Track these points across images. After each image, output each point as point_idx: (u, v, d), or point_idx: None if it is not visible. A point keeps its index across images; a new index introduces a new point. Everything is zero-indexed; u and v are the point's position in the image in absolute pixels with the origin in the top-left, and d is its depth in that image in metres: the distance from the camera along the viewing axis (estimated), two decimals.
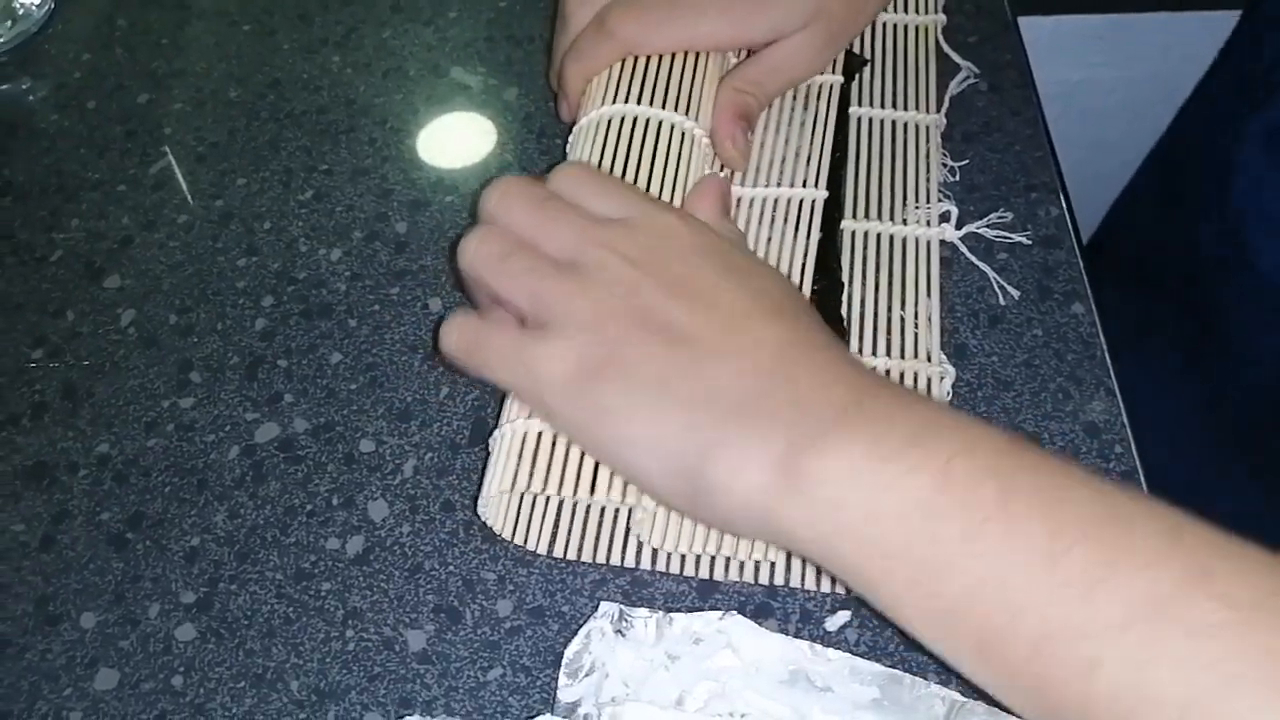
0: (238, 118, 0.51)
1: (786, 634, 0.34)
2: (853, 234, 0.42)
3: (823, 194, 0.43)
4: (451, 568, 0.37)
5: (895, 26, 0.49)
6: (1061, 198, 0.44)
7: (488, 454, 0.35)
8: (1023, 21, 0.52)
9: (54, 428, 0.42)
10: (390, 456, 0.40)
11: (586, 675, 0.33)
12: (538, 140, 0.49)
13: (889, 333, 0.39)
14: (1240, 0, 0.55)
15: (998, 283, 0.42)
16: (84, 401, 0.43)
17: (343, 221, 0.47)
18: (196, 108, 0.52)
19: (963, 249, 0.42)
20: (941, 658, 0.29)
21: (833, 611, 0.35)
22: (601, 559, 0.37)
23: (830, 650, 0.33)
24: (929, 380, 0.38)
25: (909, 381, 0.38)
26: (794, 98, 0.46)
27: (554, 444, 0.34)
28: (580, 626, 0.34)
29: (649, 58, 0.42)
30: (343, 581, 0.37)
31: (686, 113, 0.41)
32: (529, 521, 0.38)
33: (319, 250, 0.46)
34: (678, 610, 0.35)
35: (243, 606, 0.37)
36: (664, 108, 0.41)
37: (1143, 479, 0.37)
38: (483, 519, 0.36)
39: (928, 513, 0.28)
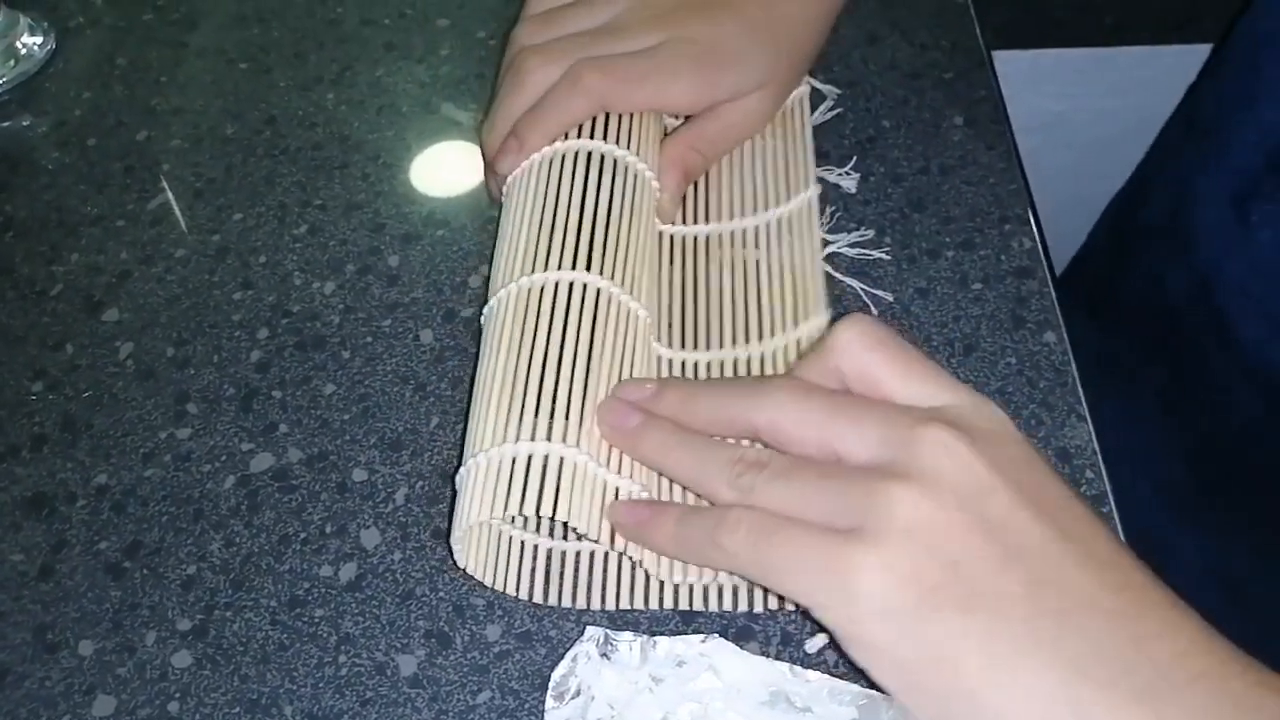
0: (234, 154, 0.53)
1: (767, 656, 0.35)
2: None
3: (815, 190, 0.44)
4: (442, 594, 0.38)
5: None
6: (1035, 229, 0.46)
7: (454, 493, 0.36)
8: (1002, 55, 0.53)
9: (53, 459, 0.43)
10: (382, 485, 0.41)
11: (573, 698, 0.34)
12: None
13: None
14: (1215, 35, 0.57)
15: (867, 293, 0.43)
16: (83, 433, 0.44)
17: (336, 255, 0.48)
18: (194, 144, 0.53)
19: (838, 275, 0.43)
20: None
21: (812, 634, 0.36)
22: (570, 603, 0.37)
23: (810, 672, 0.34)
24: None
25: None
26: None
27: (528, 467, 0.34)
28: (567, 650, 0.35)
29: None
30: (336, 608, 0.38)
31: (632, 149, 0.42)
32: (502, 563, 0.38)
33: (313, 284, 0.47)
34: (661, 634, 0.36)
35: (238, 633, 0.38)
36: (605, 140, 0.41)
37: (1113, 504, 0.38)
38: (456, 561, 0.36)
39: None
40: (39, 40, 0.58)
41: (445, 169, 0.51)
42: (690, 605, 0.37)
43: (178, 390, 0.45)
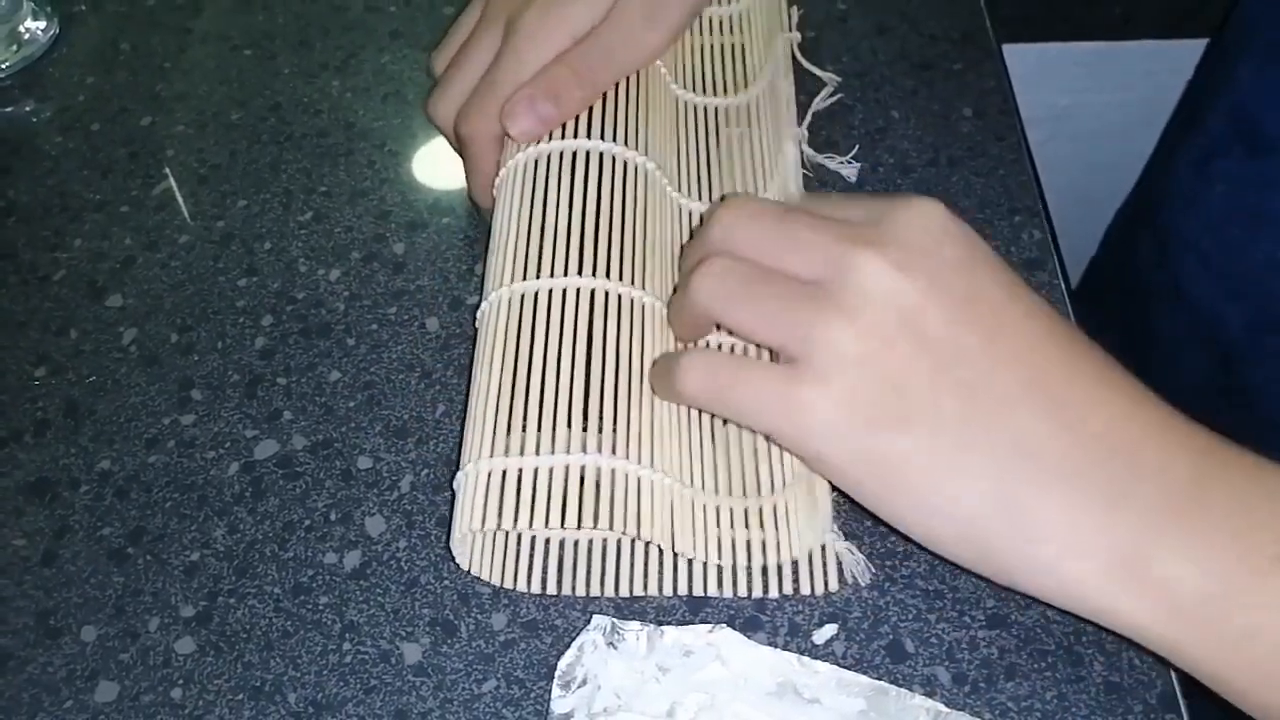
0: (239, 140, 0.52)
1: (775, 646, 0.35)
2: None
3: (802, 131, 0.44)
4: (447, 582, 0.38)
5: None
6: (1045, 221, 0.45)
7: (453, 496, 0.35)
8: (1011, 49, 0.53)
9: (56, 444, 0.43)
10: (387, 473, 0.41)
11: (579, 687, 0.34)
12: None
13: None
14: (1221, 27, 0.56)
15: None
16: (86, 419, 0.44)
17: (341, 242, 0.48)
18: (198, 130, 0.53)
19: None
20: None
21: (820, 624, 0.36)
22: (581, 591, 0.37)
23: (818, 662, 0.34)
24: None
25: None
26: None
27: (519, 480, 0.34)
28: (573, 639, 0.35)
29: None
30: (340, 595, 0.38)
31: (632, 145, 0.41)
32: (504, 559, 0.38)
33: (318, 270, 0.47)
34: (668, 623, 0.35)
35: (241, 620, 0.38)
36: (604, 139, 0.40)
37: None
38: (456, 560, 0.36)
39: None
40: (42, 25, 0.58)
41: (451, 156, 0.51)
42: (697, 590, 0.37)
43: (181, 376, 0.44)
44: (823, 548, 0.36)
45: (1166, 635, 0.27)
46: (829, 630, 0.36)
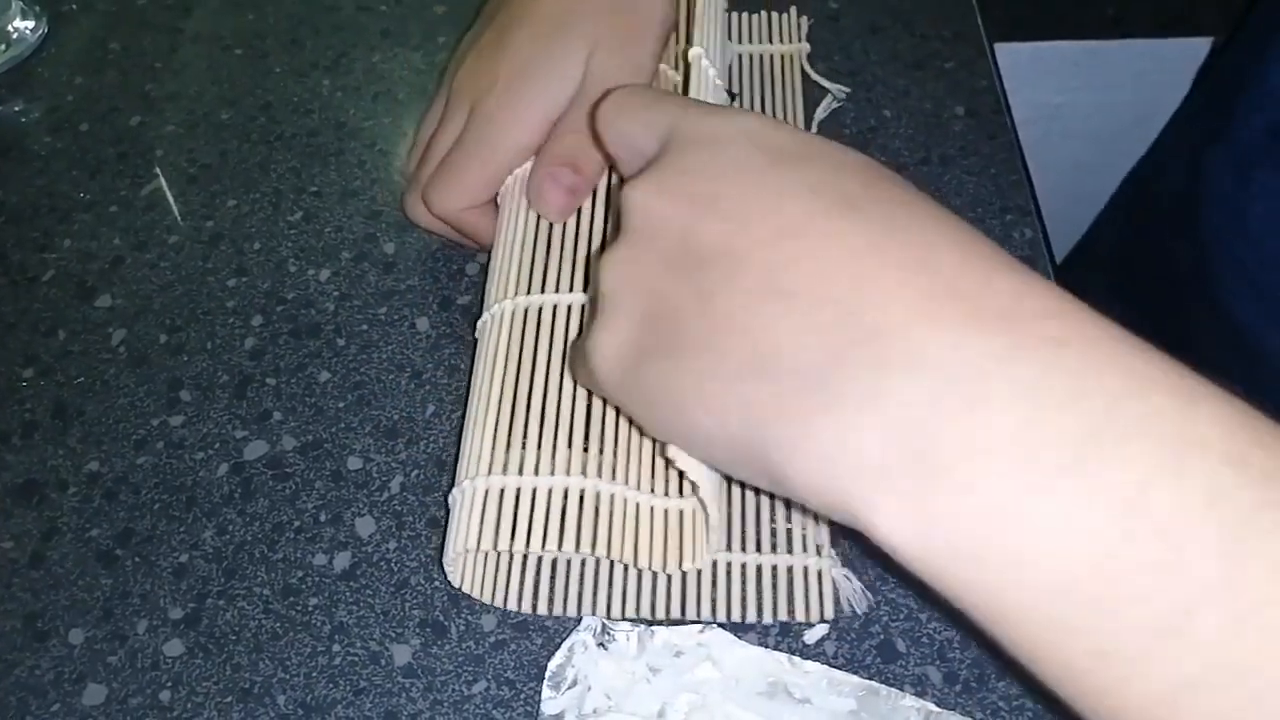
0: (229, 140, 0.52)
1: (766, 646, 0.35)
2: None
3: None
4: (437, 583, 0.38)
5: (760, 57, 0.50)
6: (1036, 220, 0.45)
7: (447, 513, 0.35)
8: (1002, 48, 0.53)
9: (44, 445, 0.43)
10: (377, 474, 0.41)
11: (569, 688, 0.34)
12: None
13: None
14: (1213, 27, 0.57)
15: None
16: (74, 420, 0.43)
17: (331, 242, 0.48)
18: (188, 130, 0.53)
19: None
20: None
21: (810, 625, 0.36)
22: (572, 612, 0.37)
23: (809, 662, 0.34)
24: None
25: None
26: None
27: (517, 499, 0.34)
28: (563, 640, 0.35)
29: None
30: (330, 597, 0.38)
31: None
32: (494, 577, 0.37)
33: (308, 271, 0.47)
34: (659, 624, 0.35)
35: (230, 622, 0.38)
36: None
37: None
38: (449, 579, 0.35)
39: (1107, 554, 0.20)
40: (31, 24, 0.58)
41: None
42: (690, 613, 0.37)
43: (171, 377, 0.44)
44: (819, 574, 0.36)
45: (950, 571, 0.22)
46: (820, 630, 0.35)
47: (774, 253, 0.24)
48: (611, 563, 0.37)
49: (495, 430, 0.35)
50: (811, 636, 0.35)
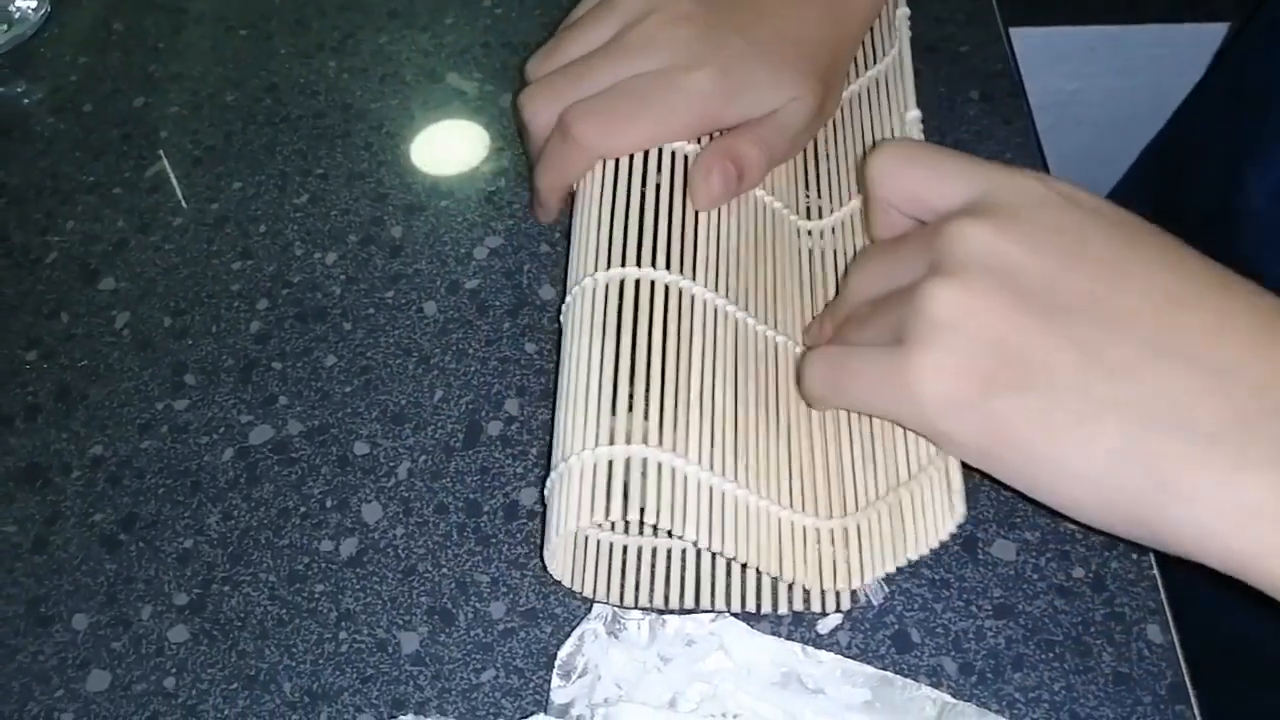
0: (234, 121, 0.52)
1: (779, 636, 0.34)
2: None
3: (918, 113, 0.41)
4: (445, 570, 0.37)
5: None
6: None
7: (544, 505, 0.34)
8: (1016, 33, 0.52)
9: (48, 429, 0.42)
10: (384, 459, 0.40)
11: (579, 677, 0.34)
12: None
13: None
14: (1228, 12, 0.56)
15: None
16: (78, 403, 0.43)
17: (338, 225, 0.47)
18: (192, 111, 0.52)
19: None
20: None
21: (824, 614, 0.35)
22: (690, 604, 0.35)
23: (822, 652, 0.34)
24: None
25: None
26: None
27: (610, 475, 0.32)
28: (573, 628, 0.35)
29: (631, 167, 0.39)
30: (336, 583, 0.37)
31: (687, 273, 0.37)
32: (594, 571, 0.36)
33: (314, 254, 0.46)
34: (671, 612, 0.35)
35: (236, 608, 0.37)
36: (667, 268, 0.37)
37: None
38: (550, 572, 0.34)
39: None
40: (33, 4, 0.57)
41: (450, 139, 0.50)
42: (703, 602, 0.36)
43: (175, 361, 0.44)
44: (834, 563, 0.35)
45: None
46: (834, 620, 0.35)
47: (1164, 317, 0.26)
48: (625, 548, 0.37)
49: (600, 398, 0.33)
50: (825, 626, 0.35)
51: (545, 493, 0.34)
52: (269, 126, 0.51)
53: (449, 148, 0.50)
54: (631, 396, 0.34)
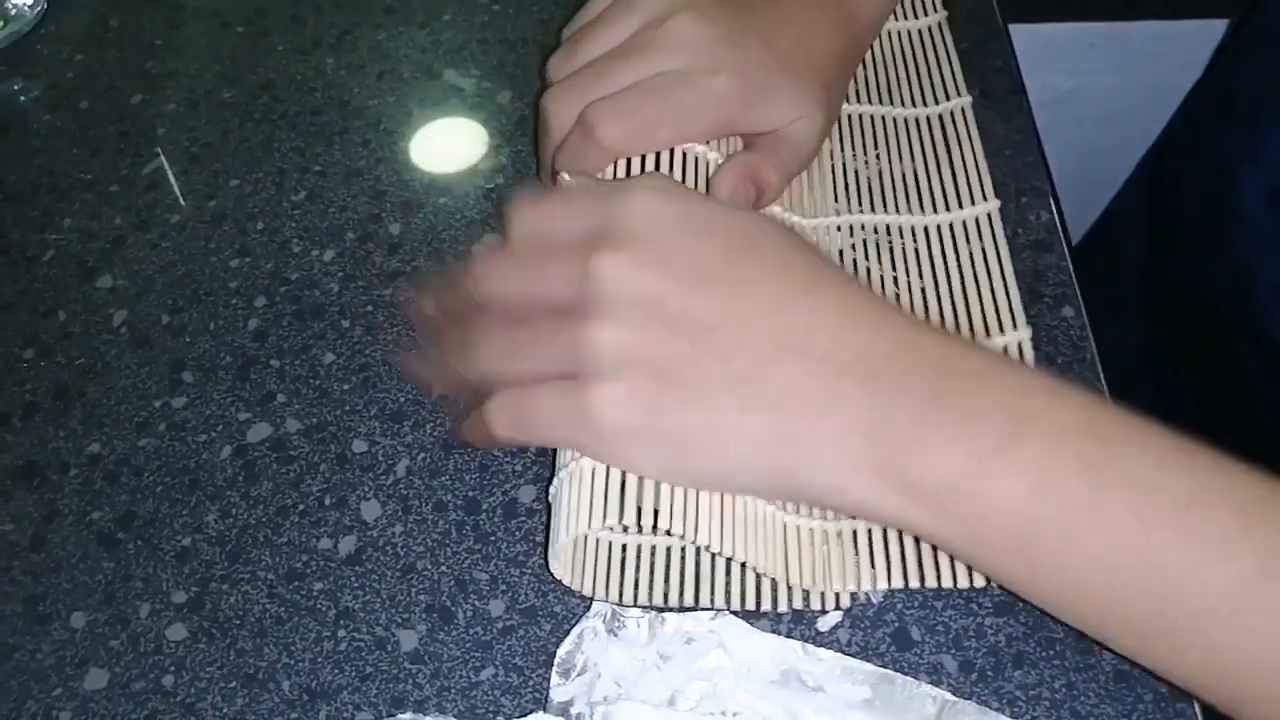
0: (231, 119, 0.51)
1: (778, 634, 0.34)
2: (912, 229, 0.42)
3: (995, 204, 0.42)
4: (444, 568, 0.37)
5: (903, 34, 0.49)
6: (1052, 202, 0.45)
7: (549, 509, 0.34)
8: (1016, 29, 0.52)
9: (45, 427, 0.42)
10: (383, 457, 0.40)
11: (579, 675, 0.33)
12: (531, 142, 0.49)
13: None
14: (1227, 8, 0.56)
15: None
16: (75, 401, 0.43)
17: (336, 223, 0.47)
18: (190, 108, 0.52)
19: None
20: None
21: (824, 612, 0.35)
22: (690, 602, 0.35)
23: (822, 650, 0.33)
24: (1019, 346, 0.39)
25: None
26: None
27: (607, 480, 0.32)
28: (573, 626, 0.34)
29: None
30: (335, 581, 0.37)
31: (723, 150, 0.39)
32: (594, 570, 0.36)
33: (312, 251, 0.46)
34: (670, 610, 0.35)
35: (234, 606, 0.37)
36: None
37: None
38: (555, 576, 0.34)
39: (1027, 518, 0.29)
40: (29, 1, 0.57)
41: (448, 136, 0.50)
42: (702, 600, 0.36)
43: (173, 358, 0.44)
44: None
45: (928, 528, 0.31)
46: (834, 618, 0.35)
47: (772, 320, 0.31)
48: (624, 546, 0.36)
49: None
50: (825, 624, 0.35)
51: (550, 493, 0.34)
52: (266, 123, 0.51)
53: (447, 145, 0.50)
54: None
